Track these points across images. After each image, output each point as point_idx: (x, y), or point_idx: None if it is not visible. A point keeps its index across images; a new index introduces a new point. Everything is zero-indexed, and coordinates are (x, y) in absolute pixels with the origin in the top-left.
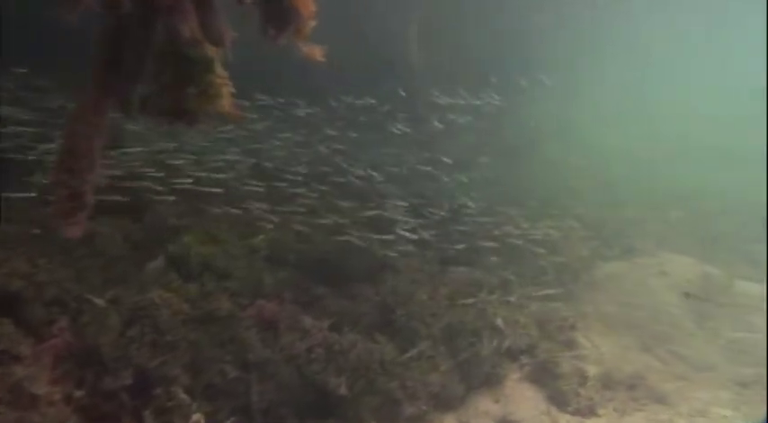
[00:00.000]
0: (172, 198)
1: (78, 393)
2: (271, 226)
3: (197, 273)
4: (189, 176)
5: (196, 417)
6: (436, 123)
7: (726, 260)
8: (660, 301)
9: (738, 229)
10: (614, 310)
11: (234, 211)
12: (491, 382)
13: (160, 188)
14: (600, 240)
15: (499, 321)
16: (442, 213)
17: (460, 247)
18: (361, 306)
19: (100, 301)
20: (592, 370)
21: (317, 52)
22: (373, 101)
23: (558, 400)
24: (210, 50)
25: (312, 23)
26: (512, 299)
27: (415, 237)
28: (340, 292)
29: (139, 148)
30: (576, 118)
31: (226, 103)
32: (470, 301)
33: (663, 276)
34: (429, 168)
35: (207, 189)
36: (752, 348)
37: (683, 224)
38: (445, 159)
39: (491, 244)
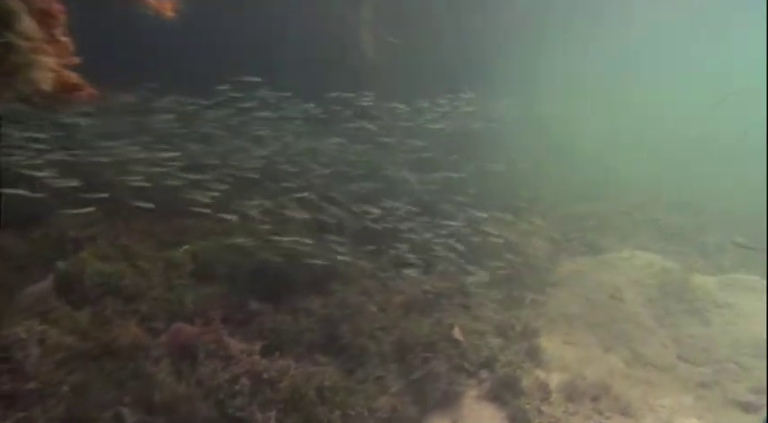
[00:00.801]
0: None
1: None
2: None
3: (95, 296)
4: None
5: None
6: (393, 121)
7: (682, 253)
8: (621, 299)
9: (694, 223)
10: (577, 310)
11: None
12: (447, 401)
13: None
14: (564, 238)
15: (457, 332)
16: (400, 213)
17: (418, 249)
18: (303, 322)
19: None
20: (555, 379)
21: (167, 7)
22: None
23: (520, 420)
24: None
25: None
26: (471, 304)
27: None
28: (280, 306)
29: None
30: (539, 116)
31: (43, 75)
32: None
33: (623, 272)
34: (386, 168)
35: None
36: (708, 344)
37: (644, 221)
38: (401, 158)
39: (451, 245)
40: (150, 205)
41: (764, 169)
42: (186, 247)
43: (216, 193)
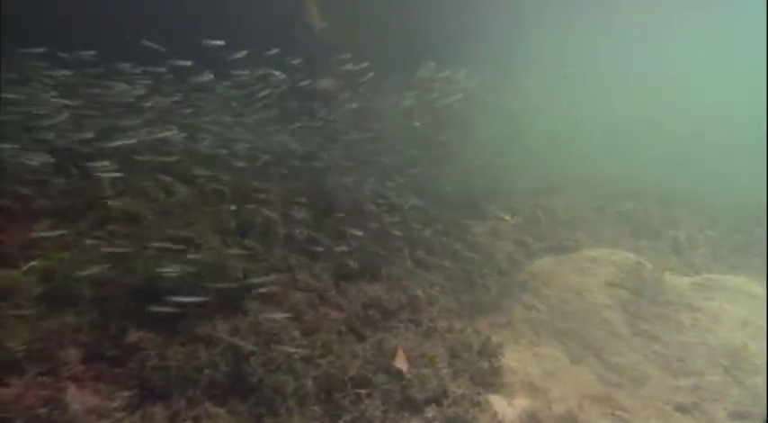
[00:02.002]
0: None
1: None
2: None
3: None
4: None
5: None
6: (340, 104)
7: (654, 249)
8: (592, 302)
9: (665, 216)
10: (544, 316)
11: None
12: None
13: None
14: (531, 236)
15: (400, 359)
16: (341, 215)
17: (362, 254)
18: (202, 355)
19: None
20: (518, 407)
21: None
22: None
23: None
24: None
25: None
26: (423, 320)
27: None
28: (173, 336)
29: None
30: (508, 107)
31: None
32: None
33: (594, 273)
34: (325, 156)
35: None
36: (683, 353)
37: (615, 214)
38: (345, 144)
39: (401, 249)
40: None
41: (764, 168)
42: (33, 263)
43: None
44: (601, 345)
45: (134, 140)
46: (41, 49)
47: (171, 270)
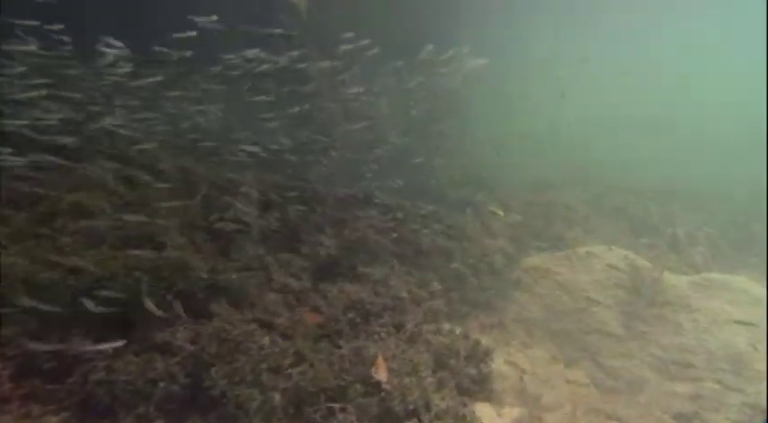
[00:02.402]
0: None
1: None
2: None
3: None
4: None
5: None
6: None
7: (653, 246)
8: (587, 302)
9: (663, 212)
10: (538, 315)
11: None
12: None
13: None
14: (525, 231)
15: (379, 369)
16: (324, 210)
17: (346, 252)
18: (158, 366)
19: None
20: (507, 417)
21: None
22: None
23: None
24: None
25: None
26: (407, 322)
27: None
28: (127, 346)
29: None
30: (504, 94)
31: None
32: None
33: (590, 271)
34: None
35: None
36: (682, 357)
37: (611, 209)
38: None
39: (387, 246)
40: None
41: (764, 164)
42: None
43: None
44: (596, 347)
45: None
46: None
47: (123, 271)
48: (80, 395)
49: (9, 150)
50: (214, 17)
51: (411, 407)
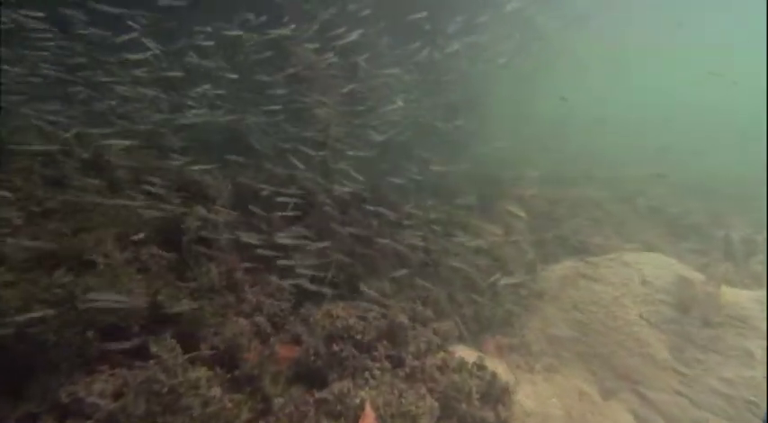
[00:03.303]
0: None
1: None
2: None
3: None
4: None
5: None
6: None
7: (701, 253)
8: (625, 320)
9: (708, 211)
10: (566, 334)
11: None
12: None
13: None
14: (550, 234)
15: (367, 418)
16: (311, 216)
17: (336, 264)
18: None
19: None
20: None
21: None
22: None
23: None
24: None
25: None
26: (407, 357)
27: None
28: (14, 403)
29: None
30: (523, 88)
31: None
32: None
33: (628, 282)
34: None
35: None
36: (749, 392)
37: (648, 209)
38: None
39: (388, 255)
40: None
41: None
42: None
43: None
44: (639, 376)
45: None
46: None
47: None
48: None
49: None
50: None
51: None
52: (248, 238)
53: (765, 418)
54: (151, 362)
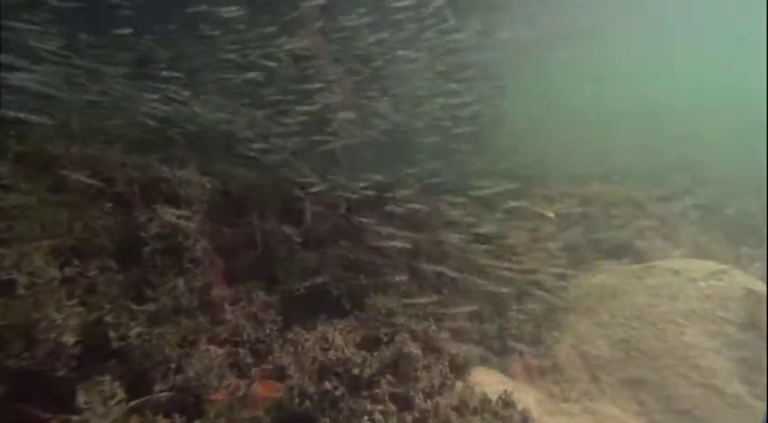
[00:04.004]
0: None
1: None
2: None
3: None
4: None
5: None
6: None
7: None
8: (678, 339)
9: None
10: (605, 353)
11: None
12: None
13: None
14: (584, 238)
15: None
16: (301, 223)
17: (335, 278)
18: None
19: None
20: None
21: None
22: None
23: None
24: None
25: None
26: (415, 394)
27: None
28: None
29: None
30: (553, 76)
31: None
32: None
33: (679, 295)
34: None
35: None
36: None
37: (696, 209)
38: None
39: (397, 266)
40: None
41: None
42: None
43: None
44: (697, 409)
45: None
46: None
47: None
48: None
49: None
50: None
51: None
52: (232, 245)
53: (765, 419)
54: (75, 419)
